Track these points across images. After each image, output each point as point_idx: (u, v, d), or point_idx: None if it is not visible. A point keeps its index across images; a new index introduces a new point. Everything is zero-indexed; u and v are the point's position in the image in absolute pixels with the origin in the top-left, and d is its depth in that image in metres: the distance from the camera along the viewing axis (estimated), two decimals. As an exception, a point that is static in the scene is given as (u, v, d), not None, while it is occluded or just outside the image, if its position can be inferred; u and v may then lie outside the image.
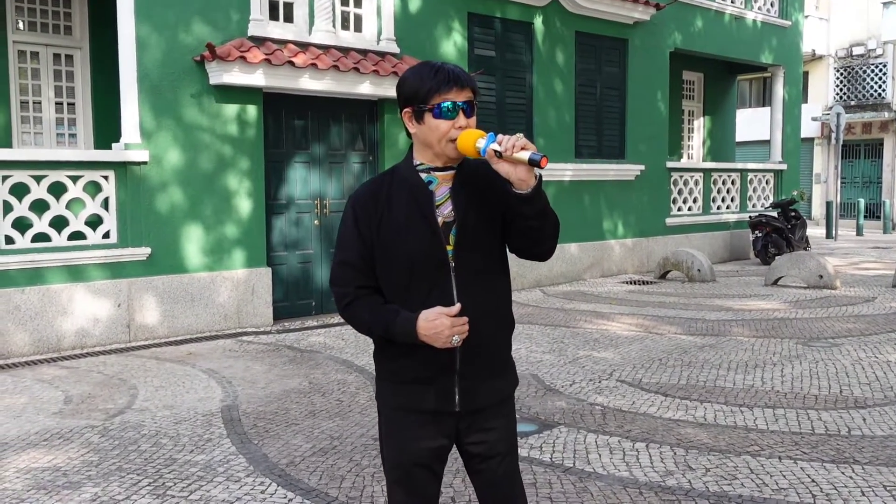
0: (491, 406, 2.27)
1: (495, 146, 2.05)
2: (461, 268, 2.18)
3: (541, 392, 5.77)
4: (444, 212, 2.20)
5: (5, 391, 5.96)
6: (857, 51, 26.47)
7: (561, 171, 11.43)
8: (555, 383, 6.02)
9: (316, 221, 9.09)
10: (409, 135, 2.25)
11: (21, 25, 9.19)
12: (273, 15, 8.60)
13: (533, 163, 2.02)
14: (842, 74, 27.01)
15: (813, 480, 4.03)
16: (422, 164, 2.23)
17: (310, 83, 8.48)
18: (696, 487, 3.97)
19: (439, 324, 2.09)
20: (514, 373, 2.38)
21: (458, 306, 2.12)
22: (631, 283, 11.69)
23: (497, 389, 2.28)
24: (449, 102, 2.13)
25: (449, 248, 2.18)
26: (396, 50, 9.48)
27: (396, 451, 2.27)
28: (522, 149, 2.02)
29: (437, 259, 2.17)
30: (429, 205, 2.18)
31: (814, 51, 25.93)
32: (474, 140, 2.09)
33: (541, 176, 2.09)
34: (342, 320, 8.54)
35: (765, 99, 27.35)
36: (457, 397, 2.21)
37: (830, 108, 22.24)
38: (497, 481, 2.32)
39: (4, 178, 7.06)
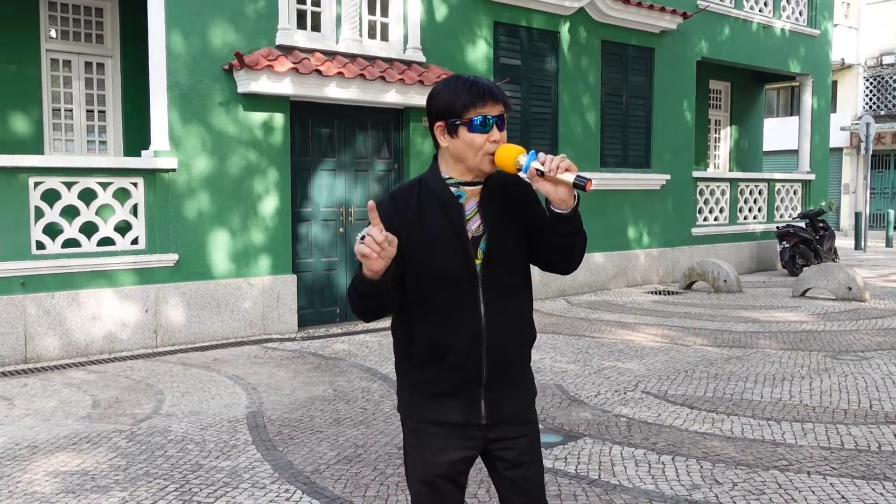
0: (516, 415, 2.28)
1: (538, 165, 2.03)
2: (489, 282, 2.19)
3: (565, 403, 5.74)
4: (473, 226, 2.20)
5: (35, 395, 6.04)
6: (887, 60, 26.15)
7: (586, 180, 11.39)
8: (579, 394, 5.98)
9: (341, 229, 9.13)
10: (436, 146, 2.24)
11: (54, 34, 9.34)
12: (300, 24, 8.68)
13: (578, 186, 2.01)
14: (871, 83, 26.69)
15: (843, 496, 3.98)
16: (451, 178, 2.23)
17: (336, 91, 8.53)
18: (723, 502, 3.93)
19: (367, 242, 1.96)
20: (534, 382, 2.41)
21: (384, 233, 1.98)
22: (656, 293, 11.61)
23: (521, 400, 2.30)
24: (483, 117, 2.13)
25: (477, 262, 2.19)
26: (422, 58, 9.52)
27: (422, 463, 2.26)
28: (567, 170, 2.02)
29: (466, 273, 2.17)
30: (460, 220, 2.18)
31: (843, 60, 25.65)
32: (514, 156, 2.08)
33: (580, 196, 2.09)
34: (366, 327, 8.64)
35: (793, 108, 27.05)
36: (483, 410, 2.22)
37: (860, 117, 22.01)
38: (527, 488, 2.31)
39: (36, 184, 7.17)
